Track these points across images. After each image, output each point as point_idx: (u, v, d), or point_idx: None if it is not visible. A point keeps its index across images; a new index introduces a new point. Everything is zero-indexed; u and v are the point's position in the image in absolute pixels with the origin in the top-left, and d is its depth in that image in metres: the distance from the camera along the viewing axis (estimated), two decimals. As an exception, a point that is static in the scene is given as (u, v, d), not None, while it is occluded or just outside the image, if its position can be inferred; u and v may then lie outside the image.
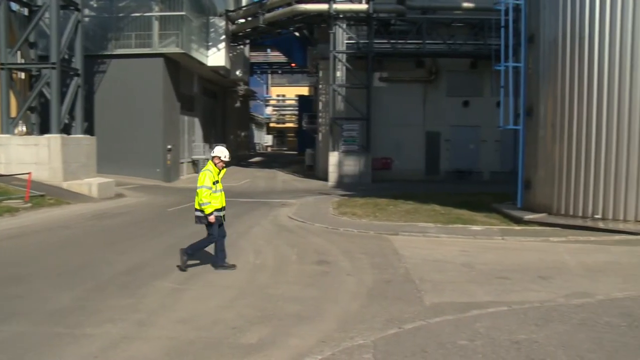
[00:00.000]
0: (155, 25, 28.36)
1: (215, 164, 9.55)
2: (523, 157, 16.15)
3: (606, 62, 13.67)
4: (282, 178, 33.43)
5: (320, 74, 32.63)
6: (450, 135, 31.02)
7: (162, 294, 8.38)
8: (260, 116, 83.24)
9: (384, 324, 7.05)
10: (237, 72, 39.38)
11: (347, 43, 29.98)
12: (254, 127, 76.99)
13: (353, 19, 30.19)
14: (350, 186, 26.40)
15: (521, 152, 16.20)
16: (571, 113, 14.23)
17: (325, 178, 29.63)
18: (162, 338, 6.59)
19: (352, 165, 29.21)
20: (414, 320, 7.18)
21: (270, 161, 53.77)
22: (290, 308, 7.76)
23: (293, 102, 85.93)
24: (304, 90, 75.12)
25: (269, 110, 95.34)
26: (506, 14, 16.50)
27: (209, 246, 9.93)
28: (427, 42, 30.09)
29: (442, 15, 30.86)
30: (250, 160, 55.91)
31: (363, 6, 29.15)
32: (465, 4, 29.87)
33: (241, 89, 47.18)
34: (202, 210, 9.45)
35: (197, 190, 9.39)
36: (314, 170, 34.45)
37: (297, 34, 40.84)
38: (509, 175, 17.80)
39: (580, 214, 14.08)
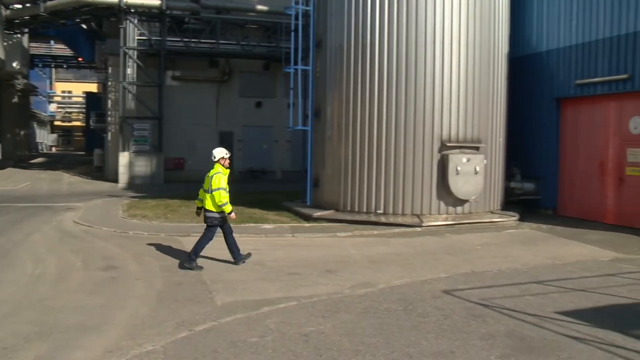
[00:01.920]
0: None
1: (222, 165, 10.15)
2: (312, 157, 16.81)
3: (385, 68, 14.77)
4: (68, 180, 31.20)
5: (110, 70, 31.02)
6: (244, 135, 31.31)
7: None
8: (44, 114, 77.09)
9: (175, 328, 6.87)
10: (14, 64, 35.98)
11: (138, 39, 28.83)
12: (35, 125, 71.09)
13: (145, 15, 29.14)
14: (142, 187, 25.47)
15: (309, 151, 16.84)
16: (355, 114, 15.14)
17: (115, 179, 28.24)
18: None
19: (144, 166, 28.19)
20: (205, 321, 7.11)
21: (55, 162, 49.96)
22: (74, 319, 7.23)
23: (80, 99, 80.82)
24: (93, 87, 71.11)
25: (53, 107, 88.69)
26: (296, 18, 17.03)
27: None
28: (221, 42, 30.07)
29: (237, 16, 31.02)
30: (31, 161, 51.46)
31: (156, 2, 28.20)
32: (259, 7, 30.38)
33: (19, 82, 43.28)
34: (216, 212, 10.00)
35: (214, 193, 9.83)
36: (104, 172, 32.65)
37: (84, 26, 38.36)
38: (300, 174, 18.40)
39: (364, 209, 15.02)
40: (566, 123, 16.69)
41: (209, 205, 10.06)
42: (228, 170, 10.27)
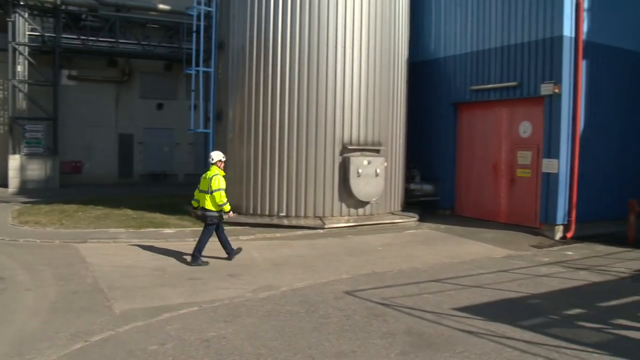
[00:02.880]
0: None
1: (219, 167, 10.93)
2: (214, 159, 16.58)
3: (288, 70, 14.83)
4: (-52, 186, 29.15)
5: (-3, 67, 29.27)
6: (144, 137, 30.41)
7: None
8: None
9: (69, 339, 6.58)
10: None
11: (30, 35, 27.25)
12: None
13: (37, 9, 27.55)
14: (35, 192, 24.20)
15: (212, 154, 16.61)
16: (257, 117, 15.10)
17: (4, 184, 26.64)
18: None
19: (38, 170, 26.78)
20: (103, 330, 6.87)
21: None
22: (-51, 338, 6.70)
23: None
24: (-21, 86, 66.76)
25: None
26: (198, 19, 16.77)
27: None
28: (121, 41, 29.02)
29: (137, 14, 30.09)
30: None
31: (49, -4, 26.85)
32: (161, 6, 29.58)
33: None
34: (215, 211, 10.70)
35: (214, 194, 10.55)
36: (-8, 176, 30.80)
37: (-38, 16, 35.94)
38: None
39: (267, 212, 15.00)
40: (462, 127, 17.39)
41: (208, 205, 10.70)
42: (223, 172, 11.00)
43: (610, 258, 11.94)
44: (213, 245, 10.91)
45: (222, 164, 11.12)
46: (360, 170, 14.92)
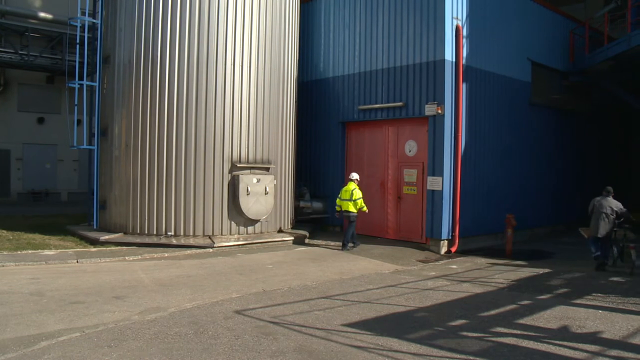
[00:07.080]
0: None
1: (355, 184, 14.99)
2: (98, 177, 15.92)
3: (175, 87, 14.55)
4: None
5: None
6: (24, 153, 28.73)
7: None
8: None
9: None
10: None
11: None
12: None
13: None
14: None
15: (96, 172, 15.93)
16: (144, 133, 14.68)
17: None
18: None
19: None
20: (-36, 369, 6.28)
21: None
22: None
23: None
24: None
25: None
26: (82, 30, 16.11)
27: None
28: (-5, 49, 27.35)
29: (14, 21, 28.44)
30: None
31: None
32: (43, 14, 28.10)
33: None
34: (354, 212, 14.82)
35: (357, 201, 14.75)
36: None
37: None
38: (86, 195, 17.34)
39: (155, 232, 14.57)
40: (351, 145, 17.77)
41: (350, 208, 14.76)
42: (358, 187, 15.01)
43: (490, 270, 12.59)
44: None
45: (357, 182, 15.04)
46: (249, 189, 14.87)
